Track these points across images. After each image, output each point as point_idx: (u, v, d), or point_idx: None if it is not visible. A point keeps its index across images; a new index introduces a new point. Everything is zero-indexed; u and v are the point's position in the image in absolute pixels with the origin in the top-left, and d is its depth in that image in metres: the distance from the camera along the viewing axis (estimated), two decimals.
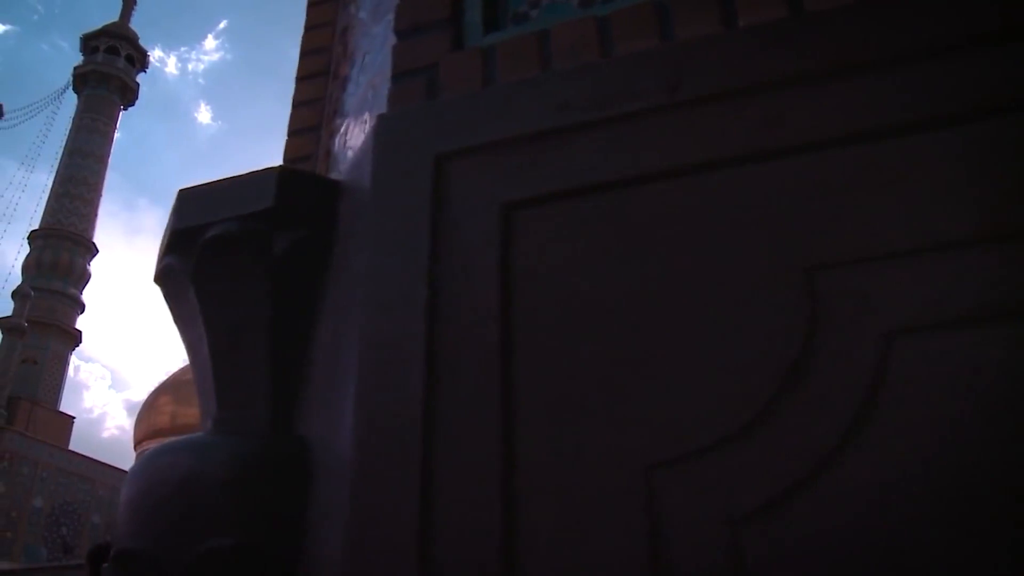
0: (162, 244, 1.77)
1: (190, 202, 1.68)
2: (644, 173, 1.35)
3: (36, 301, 34.63)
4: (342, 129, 2.24)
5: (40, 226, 40.67)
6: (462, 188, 1.42)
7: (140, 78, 45.82)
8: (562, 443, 1.18)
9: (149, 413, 44.30)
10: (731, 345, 1.19)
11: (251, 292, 1.62)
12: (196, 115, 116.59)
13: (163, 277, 1.73)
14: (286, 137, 2.86)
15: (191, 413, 42.56)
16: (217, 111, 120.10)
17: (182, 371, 45.99)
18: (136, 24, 46.74)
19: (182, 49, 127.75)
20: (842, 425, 1.11)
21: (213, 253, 1.62)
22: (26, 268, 39.38)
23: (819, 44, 1.34)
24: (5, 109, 45.09)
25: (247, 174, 1.68)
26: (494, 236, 1.36)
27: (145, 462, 1.58)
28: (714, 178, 1.31)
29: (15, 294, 34.19)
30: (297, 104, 2.56)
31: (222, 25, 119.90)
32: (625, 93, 1.41)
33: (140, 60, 45.87)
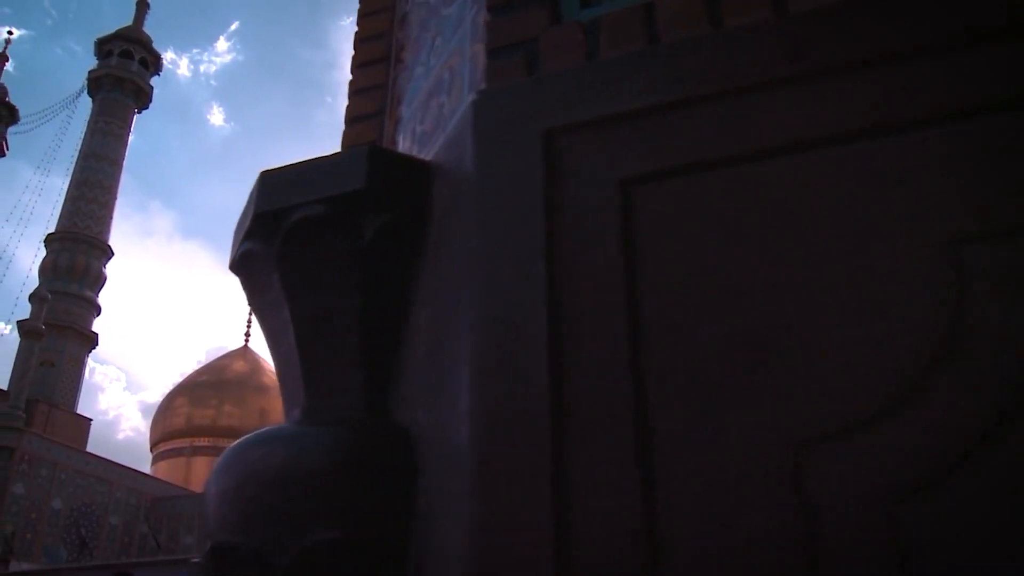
0: (240, 229, 1.71)
1: (274, 184, 1.62)
2: (770, 146, 1.29)
3: (53, 304, 34.84)
4: (409, 115, 2.19)
5: (56, 229, 40.94)
6: (575, 163, 1.36)
7: (153, 81, 46.04)
8: (701, 424, 1.13)
9: (165, 415, 44.56)
10: (874, 320, 1.12)
11: (340, 277, 1.56)
12: (208, 117, 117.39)
13: (242, 263, 1.68)
14: (344, 126, 2.81)
15: (206, 415, 42.81)
16: (229, 112, 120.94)
17: (197, 373, 46.25)
18: (148, 27, 46.96)
19: (194, 51, 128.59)
20: (1000, 400, 1.05)
21: (299, 237, 1.56)
22: (43, 271, 39.63)
23: (947, 13, 1.29)
24: (21, 113, 45.36)
25: (335, 154, 1.63)
26: (613, 212, 1.30)
27: (234, 454, 1.52)
28: (844, 150, 1.24)
29: (32, 297, 34.38)
30: (356, 91, 2.51)
31: (233, 27, 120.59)
32: (745, 65, 1.35)
33: (154, 63, 46.10)
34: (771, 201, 1.25)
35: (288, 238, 1.57)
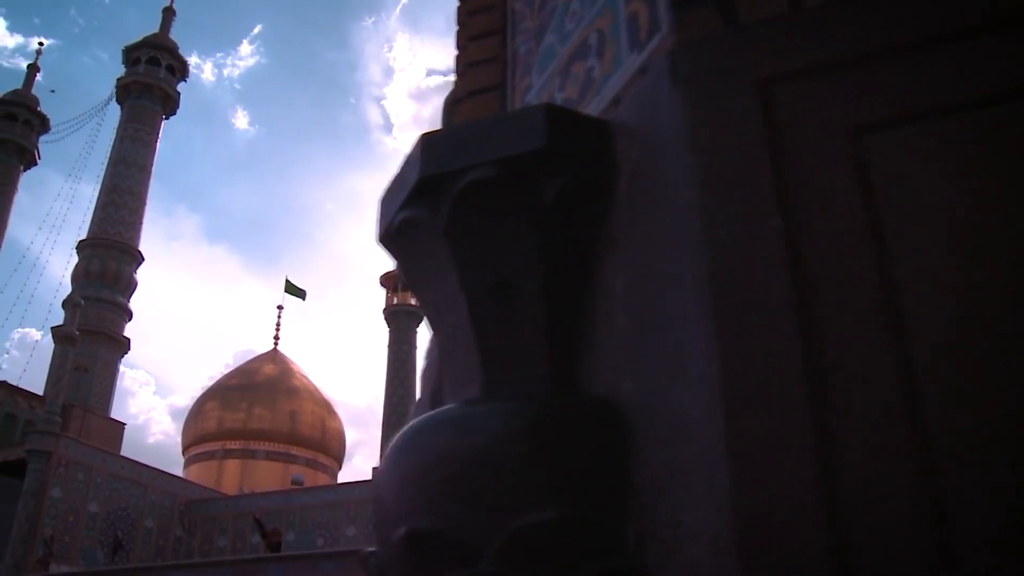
0: (394, 197, 1.61)
1: (439, 146, 1.52)
2: (1011, 88, 1.18)
3: (85, 310, 35.12)
4: (542, 83, 2.08)
5: (87, 236, 41.31)
6: (796, 112, 1.25)
7: (179, 87, 46.36)
8: (973, 378, 1.02)
9: (196, 419, 44.81)
10: None
11: (519, 243, 1.46)
12: (233, 120, 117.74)
13: (401, 232, 1.58)
14: (450, 103, 2.71)
15: (237, 418, 43.00)
16: (254, 116, 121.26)
17: (227, 377, 46.48)
18: (173, 33, 47.31)
19: (218, 55, 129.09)
20: None
21: (471, 202, 1.46)
22: (75, 277, 39.99)
23: None
24: (51, 122, 45.84)
25: (506, 113, 1.53)
26: (846, 161, 1.20)
27: (414, 438, 1.42)
28: None
29: (65, 303, 34.68)
30: (471, 64, 2.41)
31: (256, 30, 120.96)
32: (970, 6, 1.24)
33: (180, 69, 46.43)
34: (1015, 145, 1.15)
35: (459, 203, 1.47)
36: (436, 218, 1.50)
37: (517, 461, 1.27)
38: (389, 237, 1.63)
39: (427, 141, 1.55)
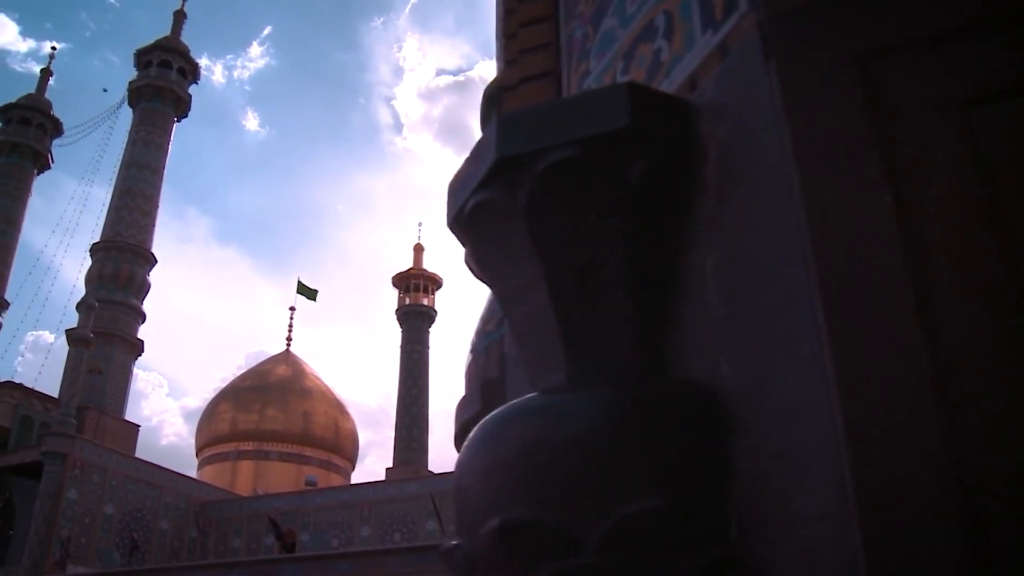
0: (466, 180, 1.58)
1: (518, 126, 1.49)
2: None
3: (99, 312, 35.21)
4: (603, 66, 2.04)
5: (100, 238, 41.44)
6: (900, 87, 1.21)
7: (190, 89, 46.48)
8: None
9: (210, 420, 44.91)
10: None
11: (603, 225, 1.43)
12: (244, 122, 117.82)
13: (475, 215, 1.54)
14: (495, 91, 2.68)
15: (250, 419, 43.08)
16: (264, 117, 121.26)
17: (240, 378, 46.57)
18: (184, 36, 47.42)
19: (228, 57, 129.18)
20: None
21: (553, 183, 1.43)
22: (89, 280, 40.13)
23: None
24: (64, 126, 46.05)
25: (586, 92, 1.49)
26: (957, 136, 1.15)
27: (498, 428, 1.38)
28: None
29: (79, 306, 34.79)
30: (524, 51, 2.38)
31: (266, 31, 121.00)
32: None
33: (191, 72, 46.55)
34: None
35: (540, 184, 1.44)
36: (515, 200, 1.46)
37: (615, 448, 1.23)
38: (461, 221, 1.60)
39: (505, 121, 1.51)
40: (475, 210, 1.54)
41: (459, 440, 3.09)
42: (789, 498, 1.12)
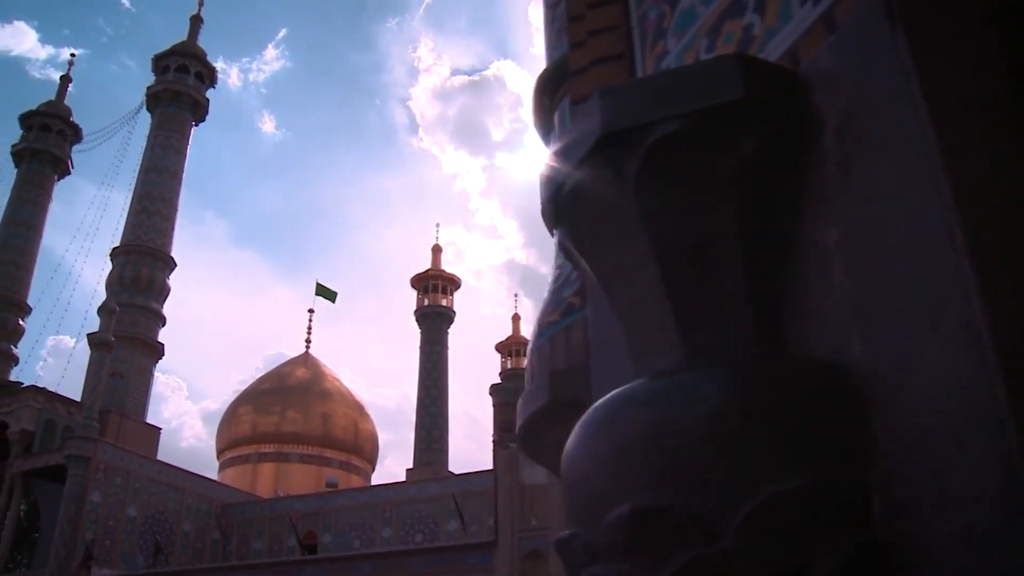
0: (567, 156, 1.53)
1: (623, 99, 1.44)
2: None
3: (120, 316, 35.41)
4: (683, 45, 1.99)
5: (120, 243, 41.66)
6: None
7: (207, 93, 46.68)
8: None
9: (230, 423, 45.05)
10: None
11: (716, 200, 1.38)
12: (260, 125, 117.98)
13: (576, 194, 1.50)
14: (571, 73, 2.64)
15: (270, 421, 43.19)
16: (280, 120, 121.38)
17: (260, 381, 46.68)
18: (199, 40, 47.64)
19: (243, 60, 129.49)
20: None
21: (662, 157, 1.38)
22: (109, 284, 40.32)
23: None
24: (83, 132, 46.36)
25: (693, 64, 1.44)
26: None
27: (615, 413, 1.33)
28: None
29: (101, 310, 34.99)
30: (593, 32, 2.33)
31: (281, 34, 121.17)
32: None
33: (209, 76, 46.75)
34: None
35: (648, 160, 1.39)
36: (621, 177, 1.42)
37: (748, 429, 1.18)
38: (559, 201, 1.55)
39: (607, 95, 1.46)
40: (576, 189, 1.49)
41: (525, 434, 3.04)
42: (942, 477, 1.06)
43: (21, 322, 42.22)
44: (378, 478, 44.74)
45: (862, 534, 1.12)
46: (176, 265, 42.72)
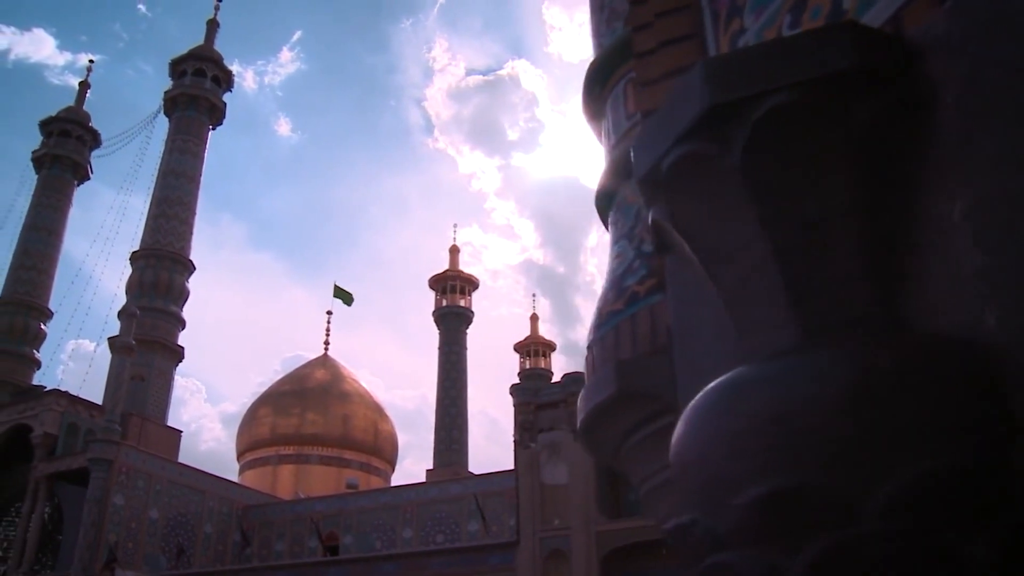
0: (661, 134, 1.48)
1: (729, 71, 1.39)
2: None
3: (140, 319, 35.60)
4: (762, 22, 1.94)
5: (140, 247, 41.90)
6: None
7: (224, 96, 46.88)
8: None
9: (250, 425, 45.20)
10: None
11: (828, 173, 1.33)
12: (275, 127, 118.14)
13: (678, 170, 1.44)
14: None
15: (290, 423, 43.30)
16: (296, 122, 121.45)
17: (279, 383, 46.79)
18: (216, 43, 47.85)
19: (259, 63, 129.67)
20: None
21: (773, 130, 1.33)
22: (129, 288, 40.56)
23: None
24: (102, 137, 46.70)
25: (801, 34, 1.39)
26: None
27: (735, 393, 1.28)
28: None
29: (121, 314, 35.20)
30: (660, 15, 2.28)
31: (296, 36, 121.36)
32: None
33: (225, 80, 46.95)
34: None
35: (757, 133, 1.34)
36: (728, 151, 1.37)
37: (884, 408, 1.13)
38: (656, 179, 1.50)
39: (712, 67, 1.41)
40: (677, 164, 1.44)
41: (588, 427, 2.98)
42: None
43: (43, 327, 42.53)
44: (397, 479, 44.84)
45: (1012, 515, 1.06)
46: (195, 268, 42.94)
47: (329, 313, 50.52)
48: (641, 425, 2.72)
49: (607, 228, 3.40)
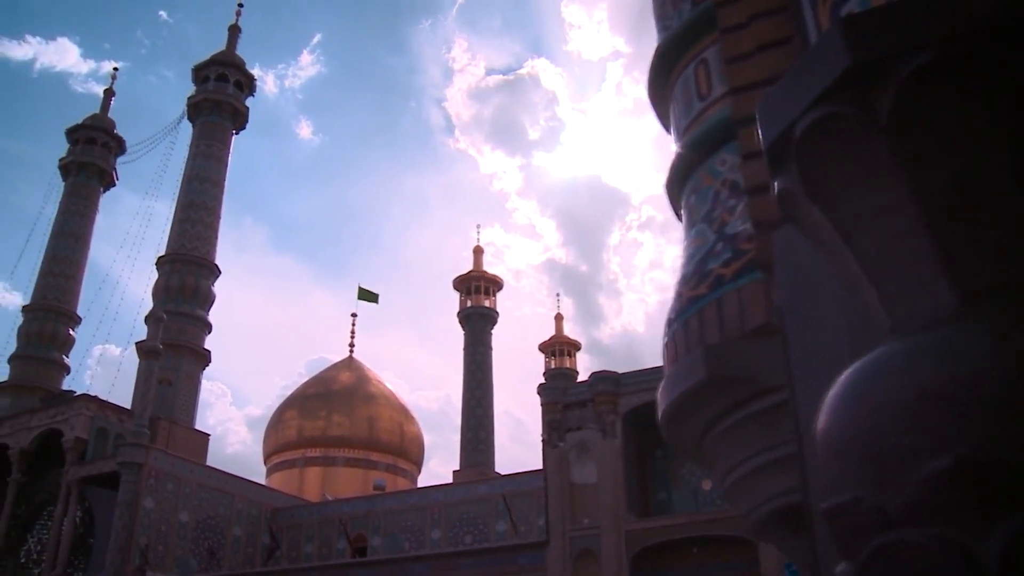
0: (794, 96, 1.41)
1: (870, 27, 1.32)
2: None
3: (167, 324, 35.85)
4: None
5: (166, 252, 42.22)
6: None
7: (246, 101, 47.15)
8: None
9: (277, 428, 45.43)
10: None
11: (981, 132, 1.26)
12: (297, 130, 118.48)
13: (811, 134, 1.38)
14: (730, 63, 2.53)
15: (316, 426, 43.48)
16: (317, 125, 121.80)
17: (305, 386, 46.97)
18: (237, 48, 48.14)
19: (279, 66, 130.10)
20: None
21: (919, 89, 1.26)
22: (155, 293, 40.87)
23: None
24: (127, 144, 47.13)
25: None
26: None
27: (906, 362, 1.21)
28: None
29: (148, 318, 35.47)
30: (753, 17, 2.20)
31: (316, 39, 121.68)
32: None
33: (248, 84, 47.23)
34: None
35: (903, 93, 1.27)
36: (871, 112, 1.30)
37: None
38: (787, 145, 1.44)
39: (852, 24, 1.35)
40: (814, 128, 1.38)
41: (672, 416, 2.91)
42: None
43: (71, 332, 42.97)
44: (424, 480, 44.89)
45: None
46: (220, 272, 43.19)
47: (354, 315, 50.70)
48: (727, 413, 2.66)
49: (677, 214, 3.34)
